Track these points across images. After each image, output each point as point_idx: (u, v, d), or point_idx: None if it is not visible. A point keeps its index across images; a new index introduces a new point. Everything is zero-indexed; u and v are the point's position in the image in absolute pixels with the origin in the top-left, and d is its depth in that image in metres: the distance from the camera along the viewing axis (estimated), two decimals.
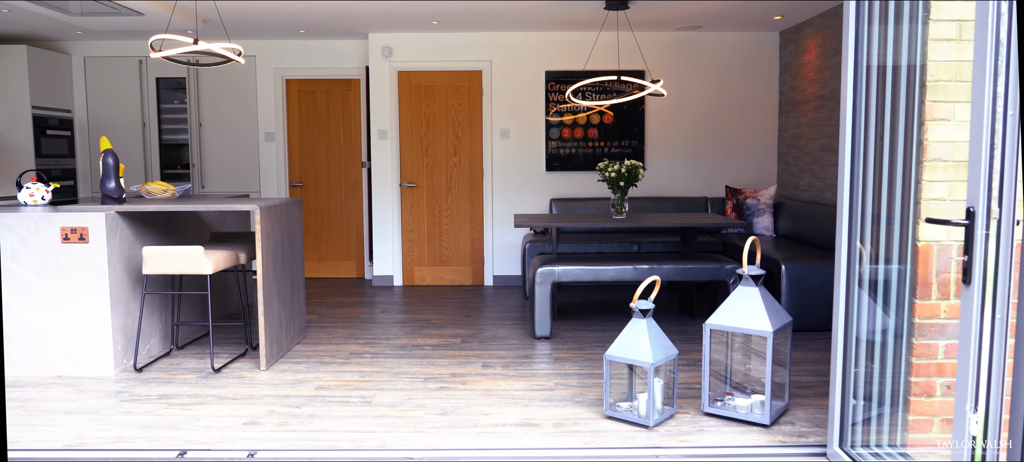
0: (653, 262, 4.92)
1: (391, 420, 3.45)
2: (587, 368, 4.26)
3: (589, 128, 6.75)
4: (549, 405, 3.64)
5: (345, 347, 4.75)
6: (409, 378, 4.08)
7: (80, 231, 4.03)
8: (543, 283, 4.86)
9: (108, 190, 4.22)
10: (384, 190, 6.80)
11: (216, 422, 3.42)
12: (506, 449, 3.10)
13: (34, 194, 4.56)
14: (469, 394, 3.81)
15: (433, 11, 5.71)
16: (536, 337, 4.93)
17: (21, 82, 6.44)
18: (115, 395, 3.79)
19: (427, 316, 5.66)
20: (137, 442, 3.19)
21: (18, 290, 4.06)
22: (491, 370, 4.23)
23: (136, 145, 7.11)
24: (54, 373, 4.12)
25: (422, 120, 6.78)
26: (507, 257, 6.90)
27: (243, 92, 7.06)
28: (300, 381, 4.03)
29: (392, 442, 3.19)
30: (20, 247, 4.04)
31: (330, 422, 3.42)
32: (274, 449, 3.11)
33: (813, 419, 3.46)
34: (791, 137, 6.46)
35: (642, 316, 3.42)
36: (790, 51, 6.45)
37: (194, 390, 3.87)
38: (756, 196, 6.29)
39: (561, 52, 6.69)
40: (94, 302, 4.07)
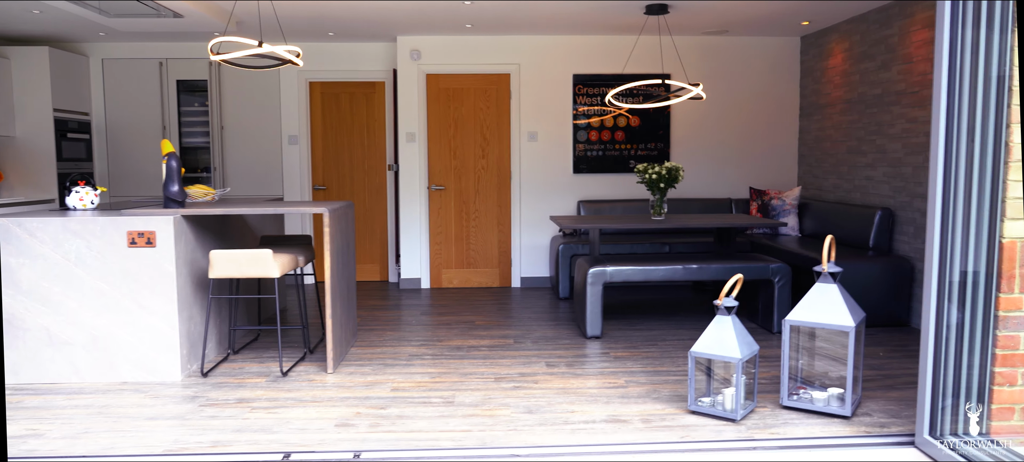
0: (702, 262, 5.03)
1: (481, 419, 3.48)
2: (650, 365, 4.34)
3: (616, 131, 6.85)
4: (629, 402, 3.71)
5: (401, 349, 4.77)
6: (479, 378, 4.12)
7: (148, 235, 3.99)
8: (595, 283, 4.94)
9: (172, 193, 4.18)
10: (411, 193, 6.81)
11: (308, 424, 3.42)
12: (606, 445, 3.17)
13: (83, 198, 4.50)
14: (546, 392, 3.87)
15: (467, 14, 5.75)
16: (587, 337, 5.00)
17: (43, 84, 6.32)
18: (191, 400, 3.76)
19: (469, 318, 5.69)
20: (236, 446, 3.18)
21: (84, 295, 4.00)
22: (556, 369, 4.29)
23: (156, 148, 7.01)
24: (119, 379, 4.07)
25: (450, 123, 6.81)
26: (534, 259, 6.96)
27: (266, 95, 7.02)
28: (373, 383, 4.04)
29: (491, 440, 3.23)
30: (85, 251, 3.98)
31: (422, 422, 3.45)
32: (378, 449, 3.13)
33: (886, 410, 3.58)
34: (813, 139, 6.64)
35: (727, 313, 3.51)
36: (813, 56, 6.63)
37: (270, 393, 3.86)
38: (781, 197, 6.45)
39: (588, 55, 6.78)
40: (161, 307, 4.03)
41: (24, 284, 3.98)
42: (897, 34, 5.32)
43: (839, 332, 3.51)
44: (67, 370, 4.04)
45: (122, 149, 7.02)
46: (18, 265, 3.97)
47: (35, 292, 3.99)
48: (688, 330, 5.19)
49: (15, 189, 6.39)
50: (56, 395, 3.85)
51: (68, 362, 4.04)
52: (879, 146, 5.58)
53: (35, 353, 4.02)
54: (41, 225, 3.96)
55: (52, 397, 3.82)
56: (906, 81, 5.21)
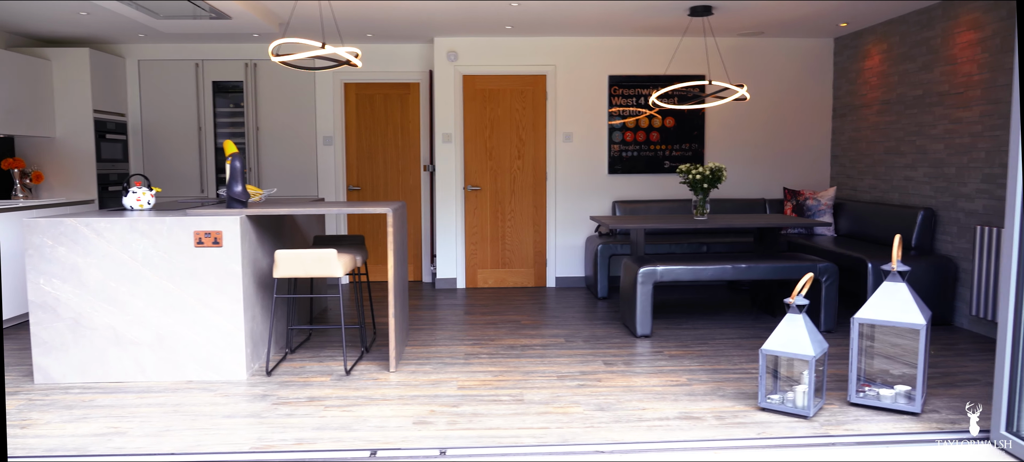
0: (751, 261, 5.07)
1: (556, 416, 3.52)
2: (707, 364, 4.38)
3: (651, 132, 6.89)
4: (697, 399, 3.75)
5: (456, 348, 4.80)
6: (542, 377, 4.16)
7: (214, 235, 4.02)
8: (645, 283, 4.98)
9: (236, 193, 4.21)
10: (447, 193, 6.85)
11: (386, 422, 3.45)
12: (688, 441, 3.20)
13: (140, 198, 4.53)
14: (612, 390, 3.90)
15: (508, 15, 5.78)
16: (637, 336, 5.04)
17: (83, 86, 6.34)
18: (262, 399, 3.79)
19: (513, 317, 5.73)
20: (320, 443, 3.21)
21: (150, 295, 4.02)
22: (615, 368, 4.33)
23: (191, 149, 7.04)
24: (184, 378, 4.10)
25: (486, 124, 6.85)
26: (569, 259, 7.00)
27: (301, 96, 7.04)
28: (438, 381, 4.07)
29: (572, 437, 3.27)
30: (152, 251, 4.01)
31: (498, 420, 3.48)
32: (463, 447, 3.16)
33: (952, 407, 3.63)
34: (848, 140, 6.70)
35: (798, 312, 3.56)
36: (847, 57, 6.68)
37: (338, 392, 3.89)
38: (817, 197, 6.50)
39: (624, 57, 6.83)
40: (227, 306, 4.06)
41: (91, 283, 4.00)
42: (940, 35, 5.37)
43: (909, 330, 3.55)
44: (133, 369, 4.06)
45: (157, 150, 7.04)
46: (86, 265, 3.99)
47: (102, 291, 4.01)
48: (734, 329, 5.24)
49: (55, 190, 6.40)
50: (126, 393, 3.87)
51: (134, 361, 4.06)
52: (920, 147, 5.64)
53: (102, 352, 4.04)
54: (109, 225, 3.99)
55: (123, 395, 3.84)
56: (949, 82, 5.27)
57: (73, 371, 4.05)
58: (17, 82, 5.83)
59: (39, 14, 5.52)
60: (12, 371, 4.32)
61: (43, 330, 4.02)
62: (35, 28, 6.08)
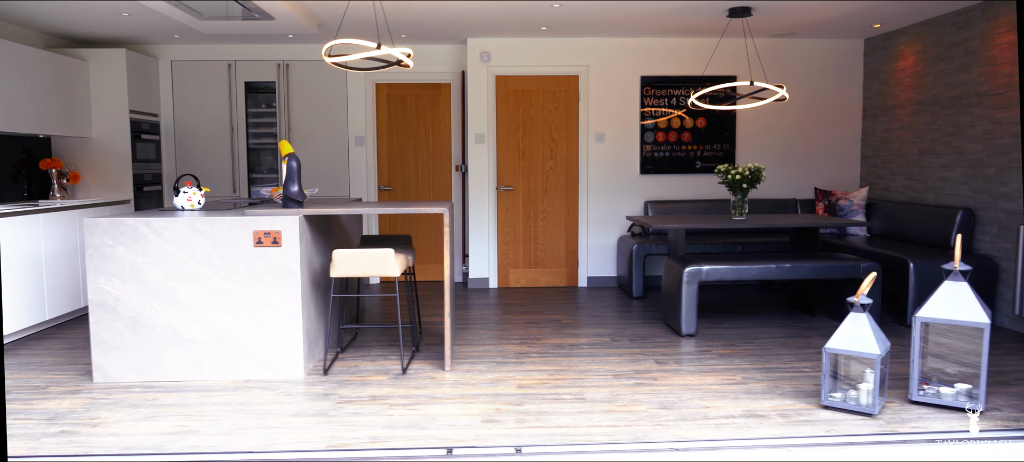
0: (795, 261, 5.11)
1: (622, 415, 3.55)
2: (758, 363, 4.41)
3: (682, 132, 6.93)
4: (758, 398, 3.78)
5: (504, 347, 4.82)
6: (598, 376, 4.18)
7: (274, 235, 4.03)
8: (690, 282, 5.01)
9: (292, 193, 4.23)
10: (480, 193, 6.87)
11: (454, 420, 3.47)
12: (760, 439, 3.23)
13: (191, 198, 4.55)
14: (671, 388, 3.93)
15: (544, 16, 5.81)
16: (682, 335, 5.07)
17: (120, 86, 6.35)
18: (325, 397, 3.81)
19: (553, 317, 5.75)
20: (394, 441, 3.24)
21: (209, 294, 4.04)
22: (668, 367, 4.36)
23: (223, 149, 7.05)
24: (242, 377, 4.12)
25: (519, 124, 6.87)
26: (601, 258, 7.03)
27: (333, 96, 7.06)
28: (496, 380, 4.09)
29: (643, 435, 3.29)
30: (211, 251, 4.03)
31: (565, 418, 3.51)
32: (537, 445, 3.19)
33: (1013, 405, 3.66)
34: (879, 141, 6.74)
35: (862, 310, 3.58)
36: (878, 58, 6.72)
37: (400, 391, 3.91)
38: (849, 198, 6.54)
39: (656, 57, 6.86)
40: (285, 306, 4.08)
41: (151, 283, 4.02)
42: (978, 36, 5.41)
43: (973, 329, 3.58)
44: (191, 368, 4.08)
45: (189, 150, 7.05)
46: (145, 264, 4.01)
47: (161, 291, 4.03)
48: (775, 328, 5.27)
49: (91, 190, 6.41)
50: (186, 392, 3.88)
51: (192, 360, 4.08)
52: (957, 147, 5.68)
53: (160, 351, 4.06)
54: (168, 225, 4.00)
55: (184, 394, 3.85)
56: (989, 83, 5.31)
57: (131, 370, 4.06)
58: (54, 83, 5.84)
59: (79, 14, 5.53)
60: (68, 370, 4.33)
61: (102, 329, 4.04)
62: (72, 29, 6.09)
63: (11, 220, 4.86)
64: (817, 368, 4.29)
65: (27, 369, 4.37)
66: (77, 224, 5.60)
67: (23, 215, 4.99)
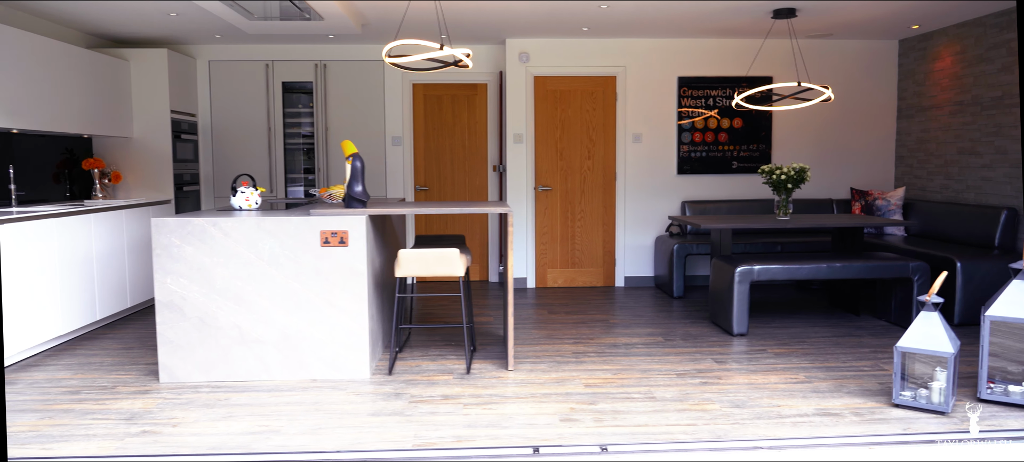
0: (845, 260, 5.13)
1: (696, 413, 3.57)
2: (817, 362, 4.44)
3: (719, 132, 6.95)
4: (826, 396, 3.80)
5: (561, 347, 4.84)
6: (661, 375, 4.21)
7: (341, 235, 4.05)
8: (742, 282, 5.03)
9: (356, 193, 4.24)
10: (518, 193, 6.89)
11: (532, 419, 3.50)
12: (842, 437, 3.26)
13: (249, 198, 4.56)
14: (738, 387, 3.96)
15: (586, 17, 5.83)
16: (734, 334, 5.10)
17: (161, 86, 6.36)
18: (396, 397, 3.83)
19: (598, 316, 5.77)
20: (479, 440, 3.26)
21: (276, 294, 4.06)
22: (728, 366, 4.38)
23: (261, 149, 7.06)
24: (308, 377, 4.13)
25: (557, 124, 6.90)
26: (638, 258, 7.05)
27: (370, 97, 7.08)
28: (562, 379, 4.12)
29: (723, 433, 3.31)
30: (279, 251, 4.04)
31: (641, 417, 3.53)
32: (622, 444, 3.21)
33: None
34: (915, 141, 6.77)
35: (934, 309, 3.61)
36: (914, 58, 6.76)
37: (470, 390, 3.93)
38: (886, 198, 6.57)
39: (693, 58, 6.89)
40: (352, 305, 4.09)
41: (218, 283, 4.03)
42: None
43: None
44: (257, 367, 4.09)
45: (227, 150, 7.06)
46: (212, 264, 4.02)
47: (228, 291, 4.04)
48: (824, 328, 5.30)
49: (131, 190, 6.42)
50: (256, 392, 3.90)
51: (258, 359, 4.09)
52: (999, 147, 5.71)
53: (226, 351, 4.07)
54: (236, 225, 4.02)
55: (255, 394, 3.87)
56: None
57: (198, 370, 4.08)
58: (98, 83, 5.85)
59: (126, 14, 5.54)
60: (131, 369, 4.34)
61: (169, 329, 4.05)
62: (113, 29, 6.10)
63: (64, 220, 4.87)
64: (876, 367, 4.32)
65: (89, 369, 4.38)
66: (123, 224, 5.60)
67: (75, 215, 5.00)
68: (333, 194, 5.24)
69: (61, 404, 3.75)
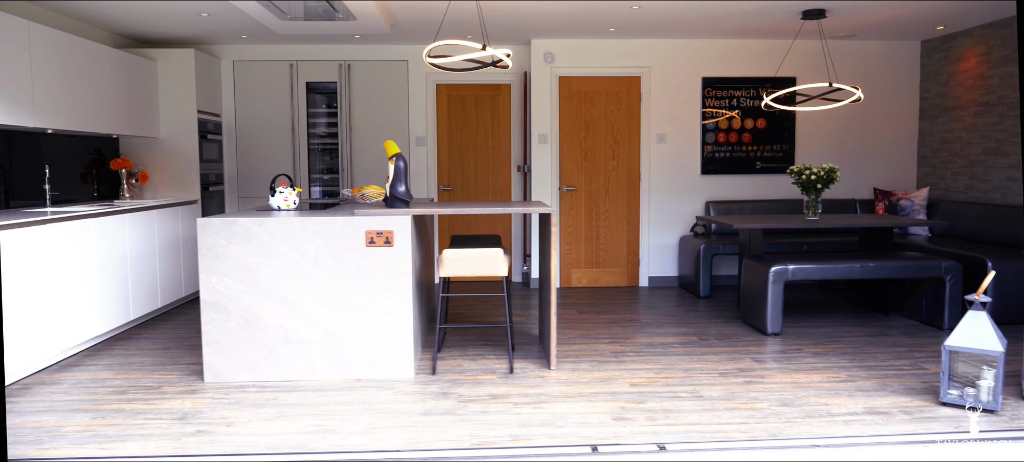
0: (878, 260, 5.16)
1: (747, 412, 3.59)
2: (856, 361, 4.46)
3: (743, 133, 6.98)
4: (872, 395, 3.83)
5: (598, 346, 4.86)
6: (703, 374, 4.22)
7: (386, 235, 4.06)
8: (776, 282, 5.06)
9: (400, 193, 4.25)
10: (543, 194, 6.91)
11: (585, 418, 3.51)
12: (898, 435, 3.28)
13: (288, 198, 4.57)
14: (782, 386, 3.98)
15: (615, 17, 5.84)
16: (768, 333, 5.12)
17: (188, 86, 6.36)
18: (444, 396, 3.84)
19: (628, 316, 5.79)
20: (536, 439, 3.27)
21: (321, 294, 4.06)
22: (767, 365, 4.40)
23: (285, 149, 7.06)
24: (353, 376, 4.14)
25: (581, 125, 6.91)
26: (661, 258, 7.07)
27: (394, 97, 7.09)
28: (606, 378, 4.13)
29: (777, 431, 3.33)
30: (324, 251, 4.05)
31: (693, 416, 3.55)
32: (679, 442, 3.22)
33: None
34: (938, 141, 6.81)
35: (982, 308, 3.64)
36: (937, 59, 6.79)
37: (517, 390, 3.94)
38: (910, 198, 6.60)
39: (717, 59, 6.91)
40: (397, 305, 4.10)
41: (263, 283, 4.04)
42: None
43: None
44: (302, 367, 4.10)
45: (250, 150, 7.07)
46: (258, 264, 4.03)
47: (273, 291, 4.04)
48: (856, 327, 5.32)
49: (158, 190, 6.42)
50: (304, 392, 3.91)
51: (303, 359, 4.10)
52: None
53: (271, 350, 4.08)
54: (281, 225, 4.02)
55: (303, 394, 3.88)
56: None
57: (242, 370, 4.08)
58: (126, 83, 5.84)
59: (157, 15, 5.53)
60: (173, 369, 4.34)
61: (214, 329, 4.05)
62: (141, 29, 6.10)
63: (101, 220, 4.87)
64: (915, 366, 4.34)
65: (131, 369, 4.38)
66: (154, 224, 5.60)
67: (111, 215, 5.00)
68: (366, 194, 5.24)
69: (110, 404, 3.75)
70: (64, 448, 3.20)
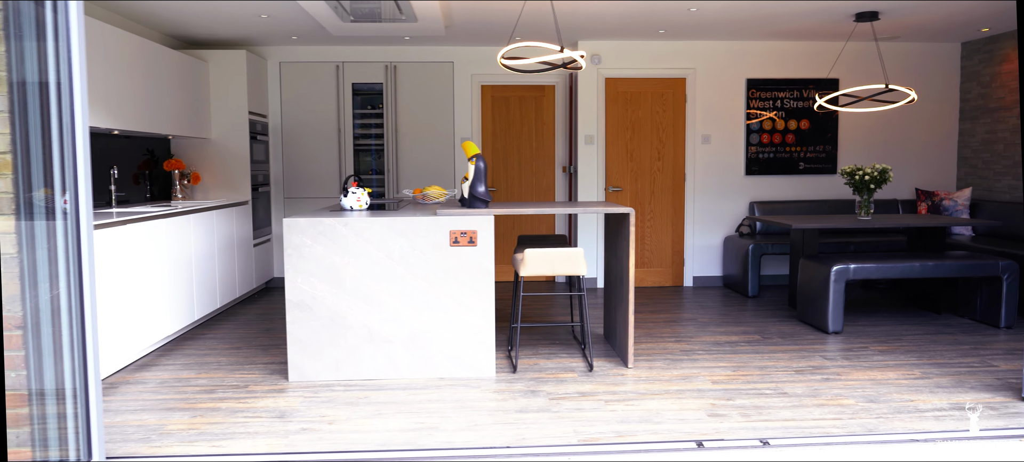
0: (935, 259, 5.23)
1: (836, 408, 3.64)
2: (924, 358, 4.52)
3: (786, 133, 7.05)
4: (952, 391, 3.89)
5: (666, 345, 4.91)
6: (780, 371, 4.28)
7: (470, 234, 4.10)
8: (838, 281, 5.12)
9: (480, 194, 4.30)
10: (589, 194, 6.96)
11: (680, 414, 3.56)
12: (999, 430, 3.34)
13: (360, 199, 4.61)
14: (861, 383, 4.03)
15: (664, 19, 5.90)
16: (829, 332, 5.18)
17: (240, 87, 6.39)
18: (532, 394, 3.88)
19: (686, 315, 5.85)
20: (640, 435, 3.32)
21: (405, 293, 4.11)
22: (838, 363, 4.46)
23: (331, 150, 7.10)
24: (435, 375, 4.18)
25: (627, 126, 6.97)
26: (706, 258, 7.13)
27: (439, 98, 7.13)
28: (685, 376, 4.18)
29: (875, 427, 3.39)
30: (409, 250, 4.09)
31: (785, 412, 3.60)
32: (781, 437, 3.28)
33: None
34: (980, 142, 6.89)
35: None
36: (979, 61, 6.88)
37: (603, 387, 3.99)
38: (953, 198, 6.68)
39: (761, 60, 6.98)
40: (479, 304, 4.15)
41: (347, 283, 4.08)
42: None
43: None
44: (386, 366, 4.14)
45: (296, 151, 7.10)
46: (343, 264, 4.07)
47: (358, 290, 4.08)
48: (913, 325, 5.39)
49: (209, 191, 6.44)
50: (392, 390, 3.95)
51: (387, 358, 4.14)
52: None
53: (355, 349, 4.12)
54: (367, 225, 4.07)
55: (392, 392, 3.92)
56: None
57: (326, 368, 4.12)
58: (182, 83, 5.87)
59: (209, 16, 5.56)
60: (251, 369, 4.37)
61: (299, 328, 4.09)
62: (193, 30, 6.12)
63: (169, 221, 4.89)
64: (985, 363, 4.41)
65: (209, 368, 4.41)
66: (213, 225, 5.63)
67: (177, 216, 5.02)
68: (428, 194, 5.29)
69: (204, 403, 3.78)
70: (175, 446, 3.23)
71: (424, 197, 5.33)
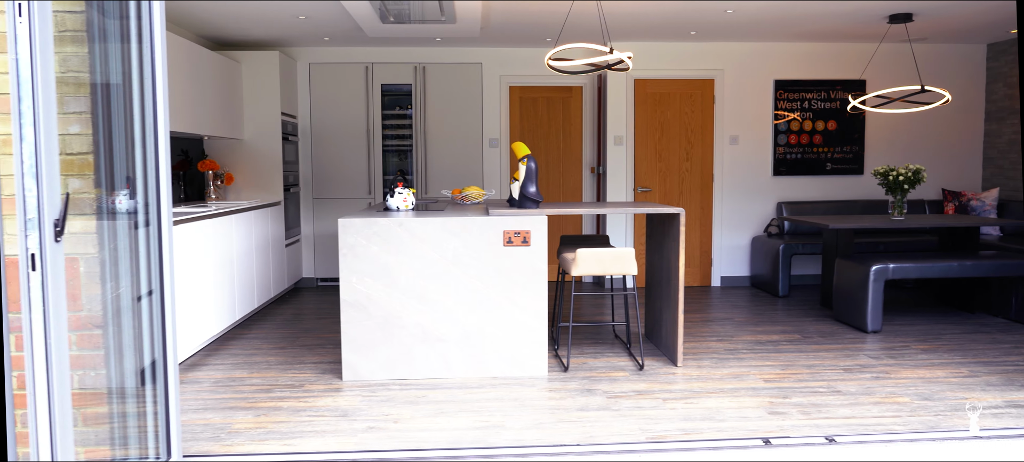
0: (974, 259, 5.28)
1: (892, 406, 3.68)
2: (969, 357, 4.56)
3: (814, 134, 7.09)
4: (1005, 389, 3.93)
5: (709, 344, 4.94)
6: (828, 370, 4.32)
7: (524, 234, 4.13)
8: (877, 280, 5.16)
9: (531, 194, 4.32)
10: (618, 194, 6.99)
11: (739, 412, 3.59)
12: None
13: (407, 199, 4.63)
14: (911, 381, 4.07)
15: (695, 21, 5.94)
16: (868, 331, 5.22)
17: (272, 88, 6.40)
18: (589, 393, 3.91)
19: (719, 315, 5.88)
20: (705, 432, 3.35)
21: (458, 293, 4.13)
22: (883, 361, 4.50)
23: (360, 151, 7.11)
24: (488, 374, 4.20)
25: (656, 127, 7.00)
26: (733, 258, 7.17)
27: (468, 99, 7.15)
28: (736, 375, 4.22)
29: (935, 424, 3.43)
30: (462, 251, 4.12)
31: (843, 410, 3.64)
32: (846, 434, 3.31)
33: None
34: (1006, 143, 6.94)
35: None
36: (1004, 62, 6.93)
37: (658, 386, 4.02)
38: (980, 198, 6.74)
39: (789, 62, 7.02)
40: (532, 303, 4.17)
41: (402, 282, 4.10)
42: None
43: None
44: (439, 365, 4.16)
45: (325, 152, 7.11)
46: (397, 263, 4.09)
47: (412, 290, 4.11)
48: (950, 324, 5.43)
49: (242, 192, 6.45)
50: (449, 389, 3.97)
51: (440, 357, 4.16)
52: None
53: (409, 349, 4.14)
54: (422, 225, 4.09)
55: (449, 391, 3.94)
56: None
57: (380, 368, 4.14)
58: (216, 84, 5.88)
59: (245, 17, 5.57)
60: (303, 369, 4.39)
61: (354, 328, 4.11)
62: (228, 31, 6.13)
63: (214, 221, 4.91)
64: None
65: (259, 368, 4.43)
66: (251, 225, 5.64)
67: (222, 216, 5.04)
68: (468, 195, 5.32)
69: (264, 402, 3.80)
70: (246, 444, 3.25)
71: (464, 197, 5.36)
